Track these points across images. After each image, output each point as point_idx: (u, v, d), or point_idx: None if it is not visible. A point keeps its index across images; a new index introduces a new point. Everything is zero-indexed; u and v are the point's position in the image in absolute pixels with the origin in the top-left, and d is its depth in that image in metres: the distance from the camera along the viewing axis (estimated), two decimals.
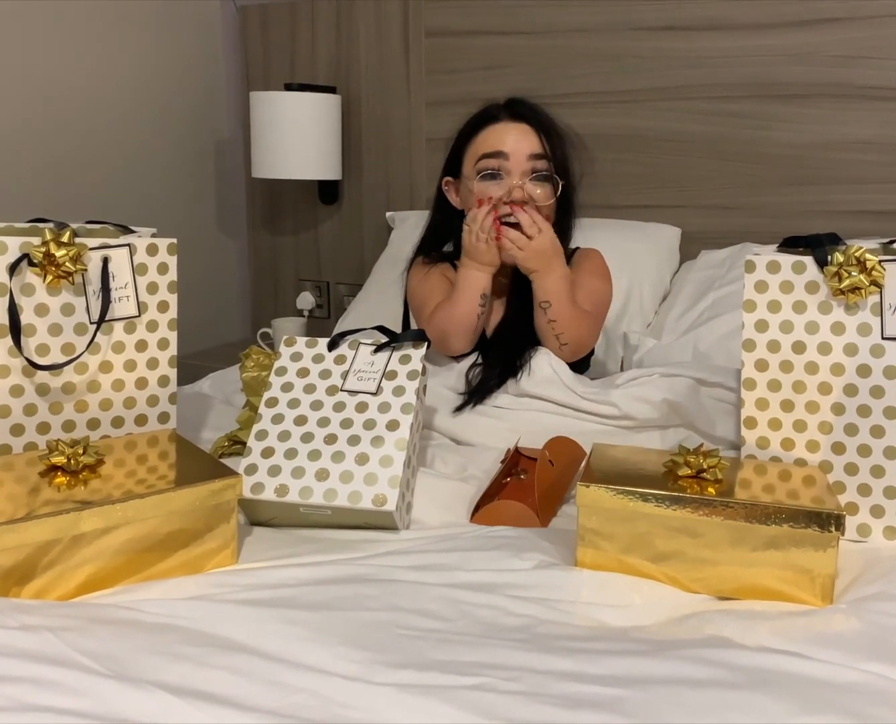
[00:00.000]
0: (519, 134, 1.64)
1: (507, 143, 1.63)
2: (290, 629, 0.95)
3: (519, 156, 1.63)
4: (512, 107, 1.68)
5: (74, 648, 0.89)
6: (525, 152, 1.63)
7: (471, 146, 1.69)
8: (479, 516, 1.30)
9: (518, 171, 1.63)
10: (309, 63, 2.66)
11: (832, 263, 1.24)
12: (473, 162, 1.67)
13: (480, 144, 1.67)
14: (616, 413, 1.49)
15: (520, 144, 1.63)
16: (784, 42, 2.10)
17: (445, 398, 1.57)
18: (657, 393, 1.50)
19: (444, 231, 1.82)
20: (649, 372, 1.57)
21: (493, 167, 1.64)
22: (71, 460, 1.15)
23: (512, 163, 1.63)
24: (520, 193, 1.61)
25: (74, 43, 2.36)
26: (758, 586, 1.10)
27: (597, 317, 1.72)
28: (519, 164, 1.63)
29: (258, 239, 2.86)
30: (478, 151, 1.67)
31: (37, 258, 1.27)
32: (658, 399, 1.49)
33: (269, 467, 1.27)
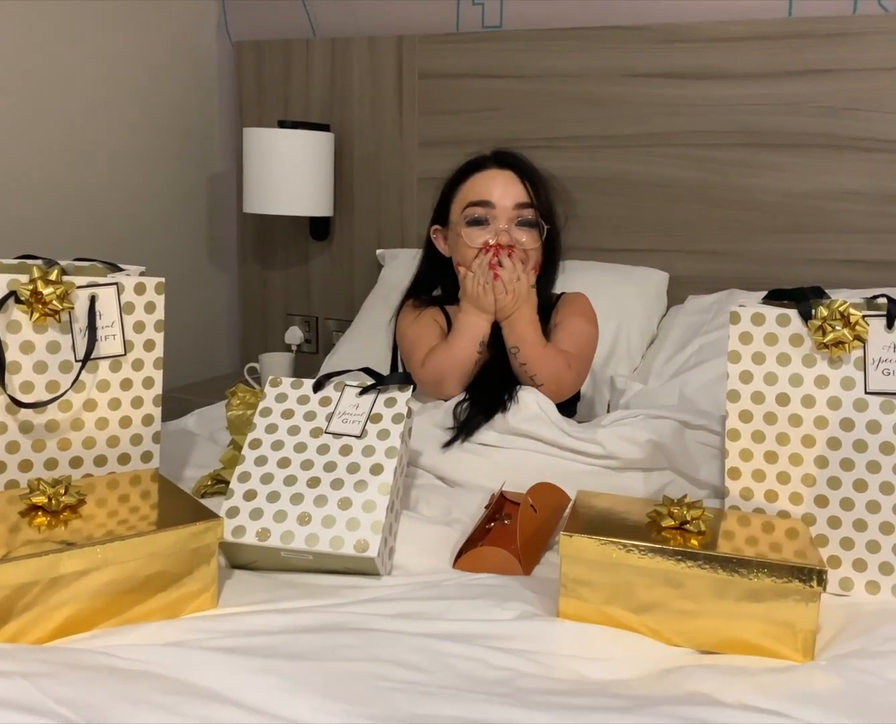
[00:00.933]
0: (505, 182, 1.69)
1: (494, 192, 1.68)
2: (268, 678, 0.94)
3: (505, 204, 1.67)
4: (497, 156, 1.73)
5: (48, 695, 0.88)
6: (511, 202, 1.68)
7: (458, 194, 1.73)
8: (462, 562, 1.29)
9: (504, 218, 1.67)
10: (303, 100, 2.67)
11: (816, 317, 1.25)
12: (461, 209, 1.71)
13: (468, 192, 1.71)
14: (601, 452, 1.49)
15: (506, 193, 1.68)
16: (774, 92, 2.12)
17: (432, 436, 1.57)
18: (642, 434, 1.50)
19: (432, 278, 1.85)
20: (634, 413, 1.58)
21: (480, 215, 1.68)
22: (52, 500, 1.14)
23: (498, 211, 1.67)
24: (506, 237, 1.65)
25: (67, 75, 2.37)
26: (739, 639, 1.10)
27: (580, 358, 1.73)
28: (505, 211, 1.67)
29: (248, 273, 2.87)
30: (465, 198, 1.70)
31: (24, 296, 1.27)
32: (643, 440, 1.49)
33: (251, 509, 1.26)
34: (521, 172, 1.71)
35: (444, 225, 1.77)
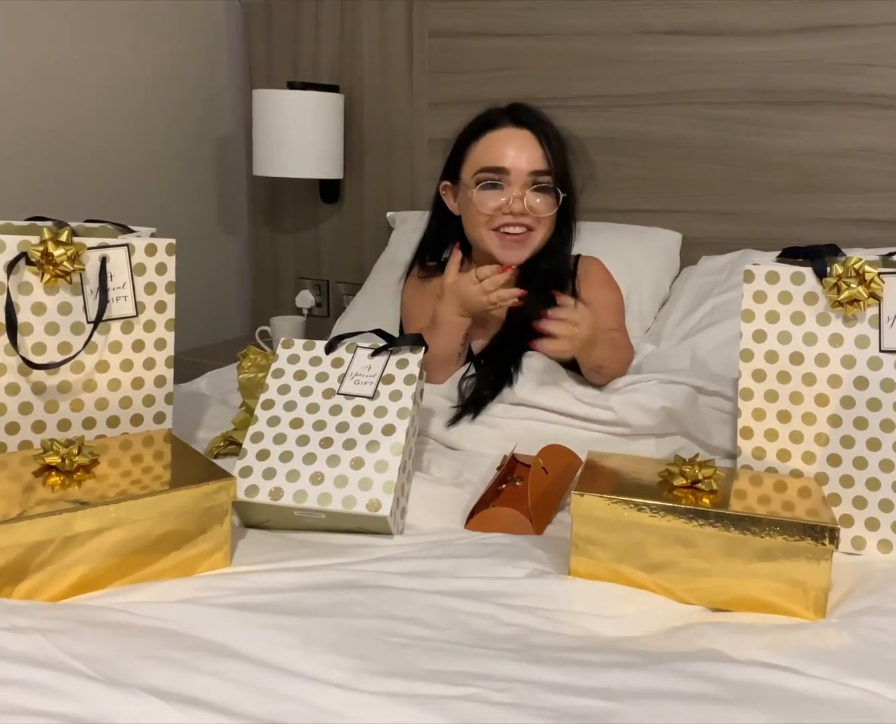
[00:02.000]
0: (521, 145, 1.62)
1: (508, 157, 1.61)
2: (279, 635, 0.95)
3: (520, 169, 1.61)
4: (514, 113, 1.65)
5: (63, 650, 0.89)
6: (527, 167, 1.61)
7: (471, 152, 1.66)
8: (474, 523, 1.30)
9: (518, 184, 1.61)
10: (312, 61, 2.65)
11: (831, 275, 1.24)
12: (473, 172, 1.64)
13: (481, 154, 1.64)
14: (612, 418, 1.48)
15: (521, 158, 1.61)
16: (787, 49, 2.09)
17: (440, 405, 1.57)
18: (655, 400, 1.49)
19: (441, 236, 1.81)
20: (647, 378, 1.57)
21: (493, 180, 1.62)
22: (65, 460, 1.15)
23: (513, 176, 1.61)
24: (519, 205, 1.60)
25: (76, 39, 2.36)
26: (751, 597, 1.10)
27: (624, 328, 1.73)
28: (520, 176, 1.61)
29: (259, 237, 2.86)
30: (478, 160, 1.64)
31: (35, 257, 1.27)
32: (656, 407, 1.48)
33: (263, 469, 1.26)
34: (538, 132, 1.63)
35: (454, 181, 1.72)
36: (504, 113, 1.66)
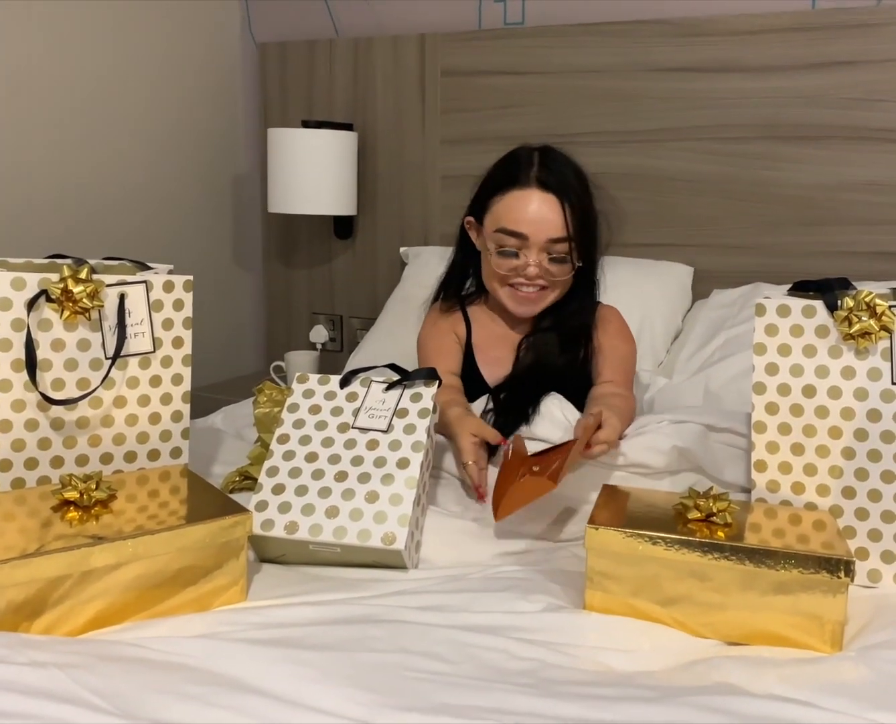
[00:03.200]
0: (543, 212, 1.60)
1: (528, 223, 1.60)
2: (297, 669, 0.95)
3: (538, 238, 1.60)
4: (542, 172, 1.61)
5: (82, 685, 0.90)
6: (545, 236, 1.60)
7: (494, 204, 1.65)
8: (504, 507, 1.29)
9: (536, 249, 1.61)
10: (326, 100, 2.69)
11: (842, 308, 1.24)
12: (493, 226, 1.64)
13: (503, 212, 1.63)
14: (623, 462, 1.49)
15: (541, 227, 1.59)
16: (796, 84, 2.11)
17: None
18: (666, 441, 1.49)
19: (464, 270, 1.82)
20: (658, 418, 1.57)
21: (511, 246, 1.62)
22: (84, 496, 1.16)
23: (531, 243, 1.60)
24: (535, 271, 1.61)
25: (93, 76, 2.40)
26: (767, 631, 1.10)
27: (629, 381, 1.73)
28: (538, 243, 1.60)
29: (273, 272, 2.88)
30: (499, 217, 1.63)
31: (55, 294, 1.29)
32: (666, 447, 1.48)
33: (279, 503, 1.27)
34: (563, 198, 1.60)
35: (478, 220, 1.71)
36: (531, 172, 1.62)
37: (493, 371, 1.71)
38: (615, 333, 1.74)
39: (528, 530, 1.40)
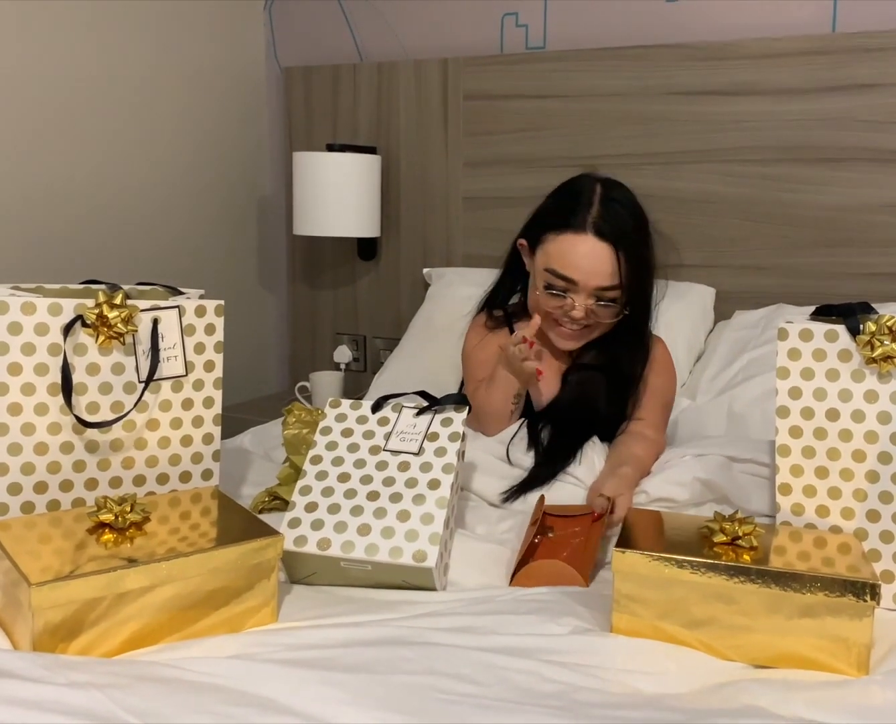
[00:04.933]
0: (596, 262, 1.59)
1: (580, 270, 1.59)
2: (329, 690, 0.96)
3: (588, 285, 1.60)
4: (600, 218, 1.59)
5: (120, 706, 0.91)
6: (595, 284, 1.59)
7: (549, 240, 1.64)
8: (519, 579, 1.31)
9: (584, 294, 1.61)
10: (350, 124, 2.72)
11: (864, 333, 1.25)
12: (544, 264, 1.64)
13: (555, 254, 1.61)
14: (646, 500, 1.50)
15: (592, 276, 1.59)
16: (817, 107, 2.13)
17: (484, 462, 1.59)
18: (688, 473, 1.50)
19: (511, 288, 1.84)
20: (681, 453, 1.59)
21: (559, 288, 1.62)
22: (118, 518, 1.18)
23: (580, 287, 1.60)
24: (580, 313, 1.61)
25: (120, 100, 2.44)
26: (793, 654, 1.10)
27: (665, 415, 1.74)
28: (587, 289, 1.60)
29: (297, 293, 2.91)
30: (551, 257, 1.62)
31: (90, 320, 1.32)
32: (688, 479, 1.49)
33: (312, 520, 1.30)
34: (618, 247, 1.58)
35: (531, 245, 1.70)
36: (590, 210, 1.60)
37: (537, 393, 1.74)
38: (658, 370, 1.74)
39: None
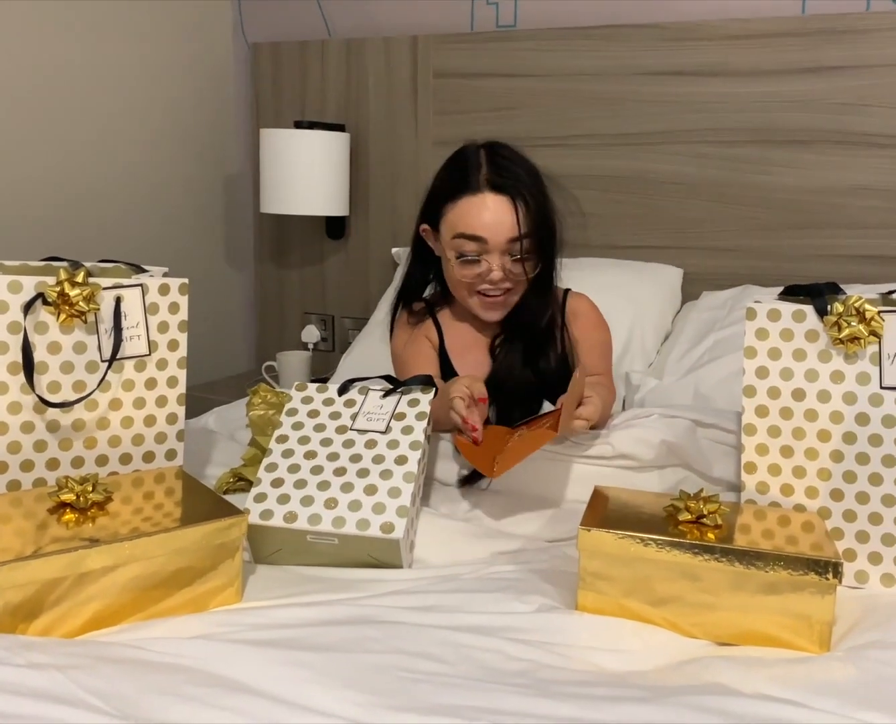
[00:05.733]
0: (498, 214, 1.57)
1: (486, 227, 1.57)
2: (294, 670, 0.96)
3: (498, 240, 1.58)
4: (492, 174, 1.58)
5: (81, 687, 0.90)
6: (503, 237, 1.57)
7: (449, 211, 1.62)
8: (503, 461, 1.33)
9: (497, 252, 1.59)
10: (318, 101, 2.70)
11: (832, 313, 1.26)
12: (451, 233, 1.61)
13: (459, 218, 1.60)
14: (612, 452, 1.50)
15: (498, 229, 1.57)
16: (787, 89, 2.13)
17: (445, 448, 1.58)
18: (655, 434, 1.51)
19: (423, 277, 1.80)
20: (647, 412, 1.59)
21: (471, 252, 1.59)
22: (80, 498, 1.16)
23: (490, 246, 1.58)
24: (498, 274, 1.59)
25: (83, 77, 2.40)
26: (756, 631, 1.11)
27: (608, 370, 1.74)
28: (497, 247, 1.58)
29: (265, 272, 2.89)
30: (455, 224, 1.60)
31: (51, 298, 1.29)
32: (656, 440, 1.50)
33: (278, 495, 1.29)
34: (516, 196, 1.57)
35: (433, 226, 1.68)
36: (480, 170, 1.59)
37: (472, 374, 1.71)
38: (589, 325, 1.74)
39: (520, 529, 1.42)
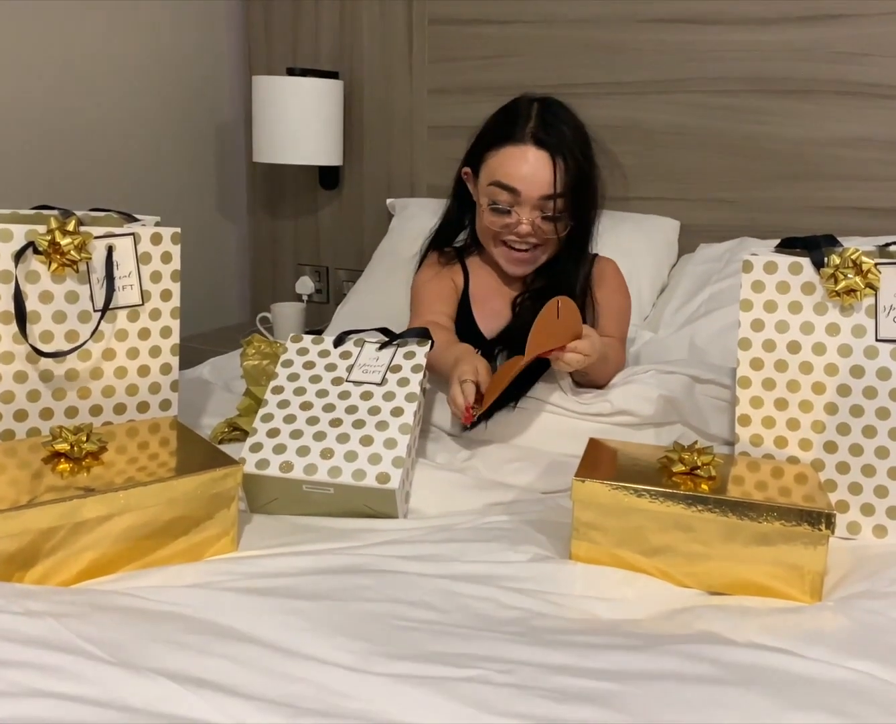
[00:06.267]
0: (536, 168, 1.58)
1: (522, 179, 1.59)
2: (289, 618, 0.97)
3: (531, 195, 1.59)
4: (539, 128, 1.60)
5: (77, 634, 0.91)
6: (536, 193, 1.59)
7: (490, 158, 1.64)
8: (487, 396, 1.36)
9: (528, 206, 1.60)
10: (312, 48, 2.65)
11: (828, 265, 1.25)
12: (488, 180, 1.63)
13: (498, 166, 1.61)
14: (610, 410, 1.50)
15: (533, 183, 1.59)
16: (786, 38, 2.11)
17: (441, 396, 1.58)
18: (653, 390, 1.51)
19: (459, 221, 1.82)
20: (644, 369, 1.59)
21: (504, 202, 1.61)
22: (74, 448, 1.16)
23: (523, 198, 1.60)
24: (526, 228, 1.61)
25: (75, 24, 2.36)
26: (748, 581, 1.12)
27: (624, 335, 1.75)
28: (529, 201, 1.60)
29: (258, 223, 2.87)
30: (494, 171, 1.62)
31: (42, 246, 1.28)
32: (654, 395, 1.50)
33: (274, 445, 1.29)
34: (557, 155, 1.58)
35: (474, 171, 1.70)
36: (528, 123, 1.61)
37: (490, 323, 1.72)
38: (613, 288, 1.75)
39: (515, 481, 1.42)
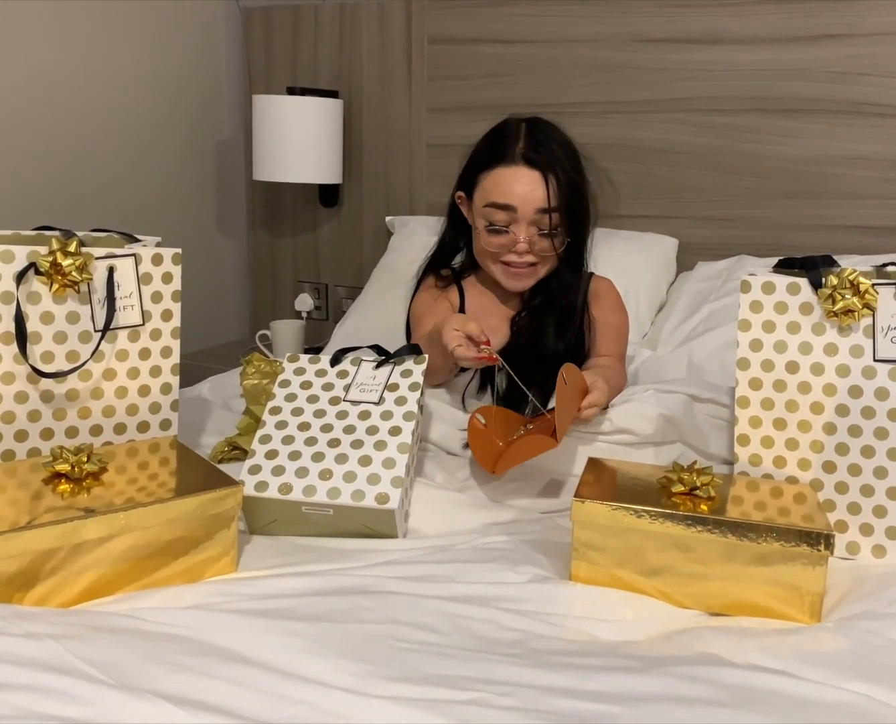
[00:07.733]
0: (530, 187, 1.60)
1: (517, 196, 1.60)
2: (288, 640, 0.97)
3: (527, 210, 1.60)
4: (529, 148, 1.62)
5: (77, 656, 0.91)
6: (533, 207, 1.60)
7: (483, 179, 1.65)
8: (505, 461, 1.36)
9: (525, 222, 1.61)
10: (311, 67, 2.67)
11: (826, 286, 1.26)
12: (483, 201, 1.65)
13: (492, 187, 1.63)
14: (610, 428, 1.51)
15: (528, 199, 1.60)
16: (784, 57, 2.12)
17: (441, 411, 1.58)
18: (652, 409, 1.51)
19: (454, 244, 1.83)
20: (644, 388, 1.59)
21: (500, 222, 1.62)
22: (75, 468, 1.16)
23: (520, 215, 1.61)
24: (524, 247, 1.62)
25: (75, 43, 2.37)
26: (747, 602, 1.12)
27: (624, 353, 1.76)
28: (526, 216, 1.61)
29: (258, 240, 2.87)
30: (489, 192, 1.64)
31: (44, 267, 1.29)
32: (653, 414, 1.50)
33: (272, 467, 1.29)
34: (549, 173, 1.61)
35: (468, 194, 1.71)
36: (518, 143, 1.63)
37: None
38: (610, 308, 1.76)
39: (514, 501, 1.43)
